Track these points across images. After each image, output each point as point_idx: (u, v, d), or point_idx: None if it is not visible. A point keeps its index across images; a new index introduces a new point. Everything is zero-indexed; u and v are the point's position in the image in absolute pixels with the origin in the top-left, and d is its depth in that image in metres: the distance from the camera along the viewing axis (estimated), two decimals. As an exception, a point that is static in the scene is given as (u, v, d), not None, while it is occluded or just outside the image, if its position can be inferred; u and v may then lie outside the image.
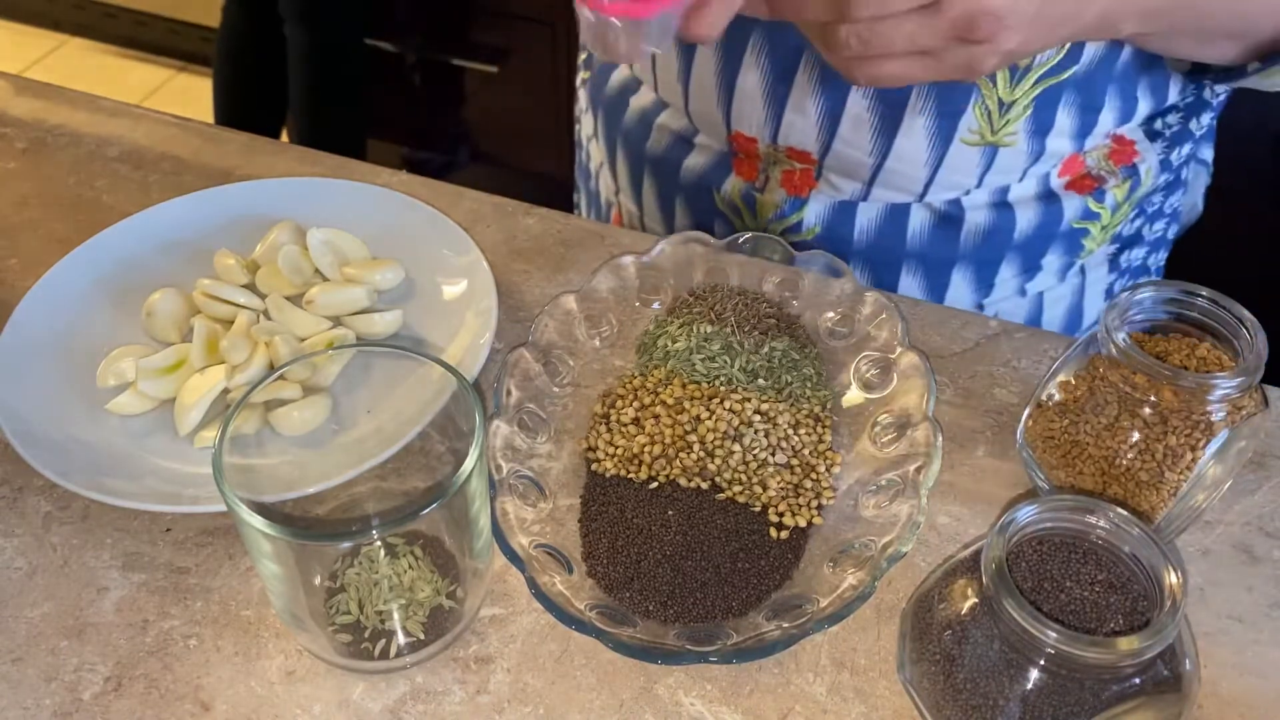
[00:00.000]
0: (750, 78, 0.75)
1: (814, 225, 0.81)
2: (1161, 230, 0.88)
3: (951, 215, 0.79)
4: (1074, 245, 0.82)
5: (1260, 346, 0.52)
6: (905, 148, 0.75)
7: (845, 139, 0.75)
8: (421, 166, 2.23)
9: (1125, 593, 0.46)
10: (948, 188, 0.78)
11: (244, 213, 0.74)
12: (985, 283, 0.83)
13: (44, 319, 0.66)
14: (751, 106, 0.77)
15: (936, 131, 0.74)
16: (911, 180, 0.77)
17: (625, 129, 0.88)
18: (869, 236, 0.80)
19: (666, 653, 0.50)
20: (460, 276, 0.70)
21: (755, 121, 0.77)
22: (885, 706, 0.52)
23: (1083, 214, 0.80)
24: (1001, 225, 0.79)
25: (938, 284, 0.83)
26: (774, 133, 0.77)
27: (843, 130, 0.75)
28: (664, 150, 0.85)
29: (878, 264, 0.82)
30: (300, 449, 0.60)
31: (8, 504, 0.60)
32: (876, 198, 0.79)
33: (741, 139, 0.80)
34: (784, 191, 0.81)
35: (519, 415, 0.60)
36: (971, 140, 0.74)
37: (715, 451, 0.59)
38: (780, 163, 0.79)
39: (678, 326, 0.65)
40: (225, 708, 0.51)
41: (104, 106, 0.87)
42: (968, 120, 0.73)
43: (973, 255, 0.81)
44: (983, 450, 0.63)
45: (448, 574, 0.53)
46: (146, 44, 2.60)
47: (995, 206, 0.79)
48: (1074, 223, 0.80)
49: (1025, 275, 0.83)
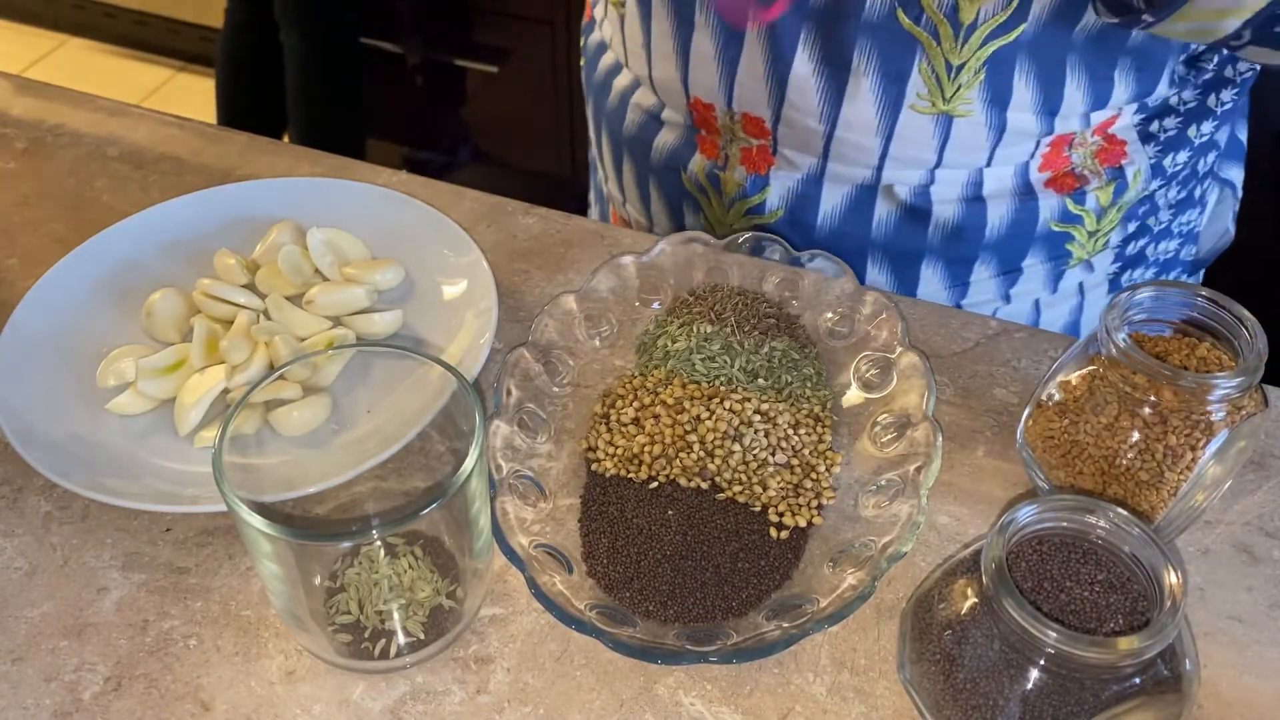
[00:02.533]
0: (703, 39, 0.75)
1: (777, 208, 0.81)
2: (1174, 251, 0.86)
3: (918, 208, 0.78)
4: (1057, 250, 0.80)
5: (1260, 346, 0.52)
6: (854, 114, 0.73)
7: (794, 104, 0.75)
8: (421, 166, 2.23)
9: (1125, 593, 0.46)
10: (905, 164, 0.76)
11: (244, 213, 0.74)
12: (959, 280, 0.81)
13: (44, 319, 0.66)
14: (706, 71, 0.77)
15: (883, 95, 0.72)
16: (865, 152, 0.76)
17: (608, 111, 0.88)
18: (832, 222, 0.80)
19: (666, 653, 0.50)
20: (460, 276, 0.70)
21: (710, 86, 0.77)
22: (885, 706, 0.52)
23: (1061, 215, 0.78)
24: (972, 221, 0.78)
25: (906, 278, 0.82)
26: (729, 97, 0.77)
27: (790, 95, 0.74)
28: (637, 130, 0.86)
29: (842, 252, 0.80)
30: (300, 449, 0.60)
31: (8, 504, 0.60)
32: (834, 175, 0.78)
33: (700, 106, 0.79)
34: (744, 169, 0.81)
35: (519, 415, 0.60)
36: (923, 108, 0.72)
37: (715, 451, 0.59)
38: (738, 139, 0.79)
39: (678, 326, 0.65)
40: (225, 708, 0.51)
41: (104, 106, 0.87)
42: (915, 84, 0.71)
43: (941, 250, 0.80)
44: (983, 450, 0.63)
45: (448, 574, 0.53)
46: (146, 44, 2.60)
47: (967, 201, 0.78)
48: (1053, 224, 0.78)
49: (1005, 278, 0.81)
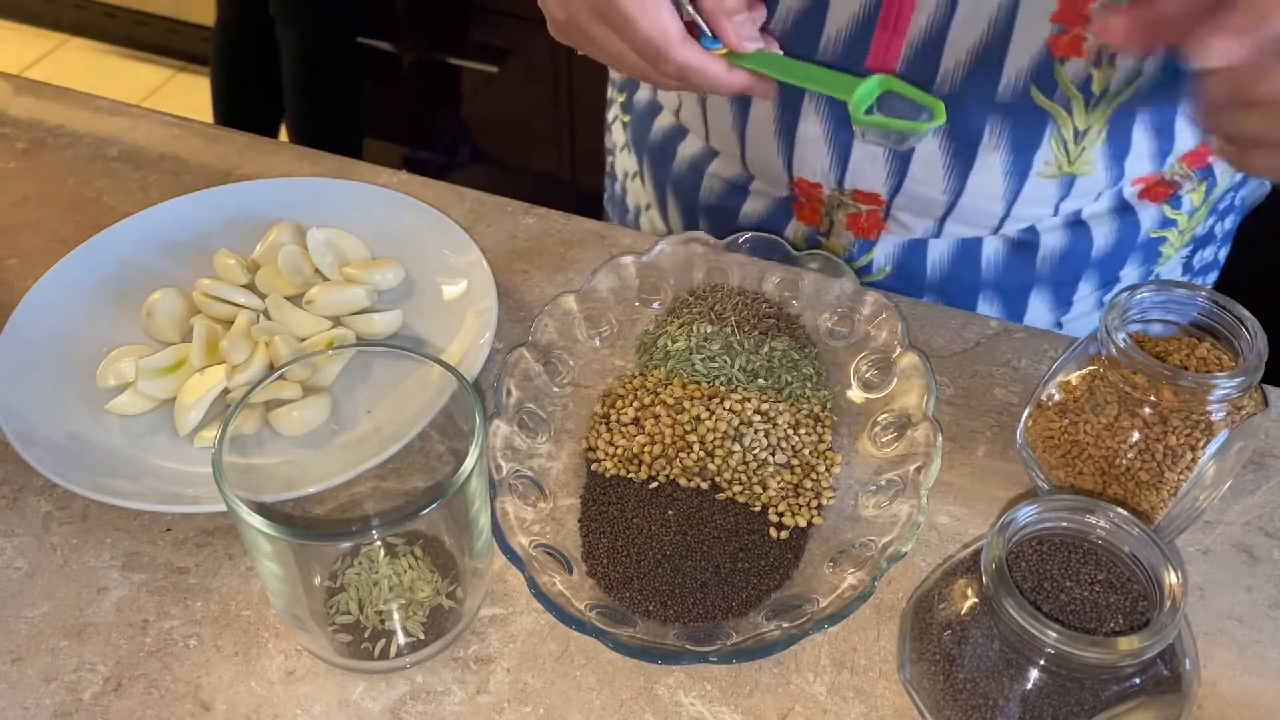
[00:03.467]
0: (811, 125, 0.72)
1: (884, 265, 0.79)
2: (1232, 224, 0.85)
3: (1026, 241, 0.76)
4: (1151, 254, 0.79)
5: (1260, 346, 0.52)
6: (980, 184, 0.71)
7: (917, 178, 0.72)
8: (421, 166, 2.23)
9: (1125, 593, 0.46)
10: (1024, 219, 0.75)
11: (244, 213, 0.74)
12: (1064, 301, 0.80)
13: (44, 319, 0.66)
14: (815, 153, 0.73)
15: (1012, 167, 0.70)
16: (987, 215, 0.74)
17: (675, 177, 0.84)
18: (942, 270, 0.78)
19: (666, 653, 0.50)
20: (460, 276, 0.70)
21: (819, 168, 0.74)
22: (885, 706, 0.52)
23: (1160, 223, 0.77)
24: (1078, 245, 0.76)
25: (1015, 309, 0.80)
26: (840, 177, 0.74)
27: (914, 170, 0.72)
28: (717, 199, 0.82)
29: (952, 296, 0.79)
30: (300, 449, 0.60)
31: (8, 504, 0.60)
32: (949, 233, 0.76)
33: (804, 185, 0.76)
34: (850, 235, 0.78)
35: (519, 415, 0.60)
36: (1048, 173, 0.71)
37: (715, 451, 0.59)
38: (845, 205, 0.76)
39: (678, 326, 0.65)
40: (225, 708, 0.51)
41: (104, 106, 0.87)
42: (1044, 153, 0.70)
43: (1050, 278, 0.78)
44: (983, 450, 0.63)
45: (448, 574, 0.53)
46: (146, 44, 2.60)
47: (1070, 227, 0.76)
48: (1151, 232, 0.77)
49: (1104, 289, 0.80)
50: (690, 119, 0.81)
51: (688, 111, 0.80)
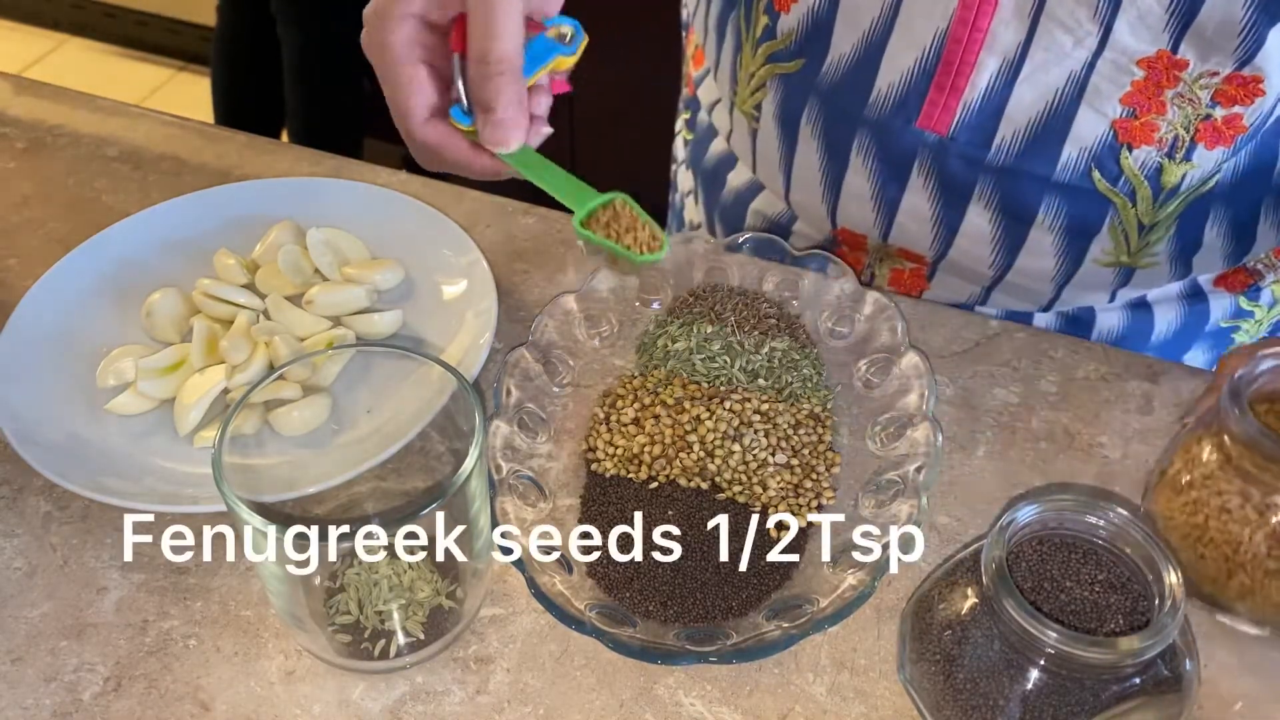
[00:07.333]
0: (857, 180, 0.68)
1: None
2: None
3: (1080, 318, 0.72)
4: (1222, 342, 0.73)
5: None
6: (1030, 264, 0.67)
7: (963, 249, 0.68)
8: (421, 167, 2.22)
9: (1125, 593, 0.46)
10: (1076, 302, 0.71)
11: (244, 213, 0.74)
12: None
13: (44, 319, 0.66)
14: (860, 207, 0.70)
15: (1066, 250, 0.66)
16: (1036, 294, 0.70)
17: (722, 205, 0.82)
18: None
19: (666, 653, 0.50)
20: (460, 276, 0.69)
21: (864, 222, 0.71)
22: (885, 706, 0.52)
23: (1233, 313, 0.72)
24: (1137, 328, 0.72)
25: None
26: (885, 233, 0.71)
27: (960, 241, 0.68)
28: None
29: None
30: (300, 449, 0.60)
31: (8, 504, 0.60)
32: (996, 303, 0.72)
33: (848, 234, 0.73)
34: (893, 290, 0.74)
35: (519, 415, 0.60)
36: (1105, 260, 0.66)
37: (715, 451, 0.59)
38: (890, 259, 0.73)
39: (678, 326, 0.65)
40: (225, 708, 0.51)
41: (103, 106, 0.87)
42: (1102, 241, 0.65)
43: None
44: (983, 450, 0.63)
45: (448, 574, 0.53)
46: (146, 44, 2.60)
47: (1131, 309, 0.71)
48: (1222, 322, 0.72)
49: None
50: (740, 147, 0.77)
51: (737, 139, 0.77)
